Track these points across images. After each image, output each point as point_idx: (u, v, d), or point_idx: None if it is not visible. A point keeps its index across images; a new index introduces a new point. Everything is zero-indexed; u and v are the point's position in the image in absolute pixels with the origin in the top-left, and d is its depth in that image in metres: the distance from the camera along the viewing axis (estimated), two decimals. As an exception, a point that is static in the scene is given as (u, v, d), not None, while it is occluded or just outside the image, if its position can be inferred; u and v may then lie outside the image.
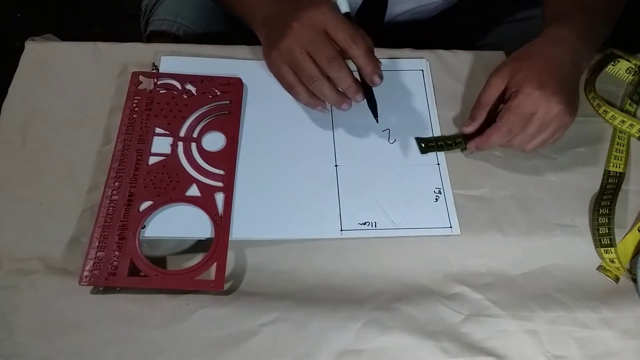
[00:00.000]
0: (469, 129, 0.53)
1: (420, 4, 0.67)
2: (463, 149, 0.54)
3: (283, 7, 0.51)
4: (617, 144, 0.56)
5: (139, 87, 0.54)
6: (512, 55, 0.55)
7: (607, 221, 0.51)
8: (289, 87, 0.52)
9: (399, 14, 0.68)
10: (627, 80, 0.60)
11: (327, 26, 0.48)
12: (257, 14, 0.54)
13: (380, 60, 0.59)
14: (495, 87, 0.52)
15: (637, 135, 0.57)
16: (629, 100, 0.59)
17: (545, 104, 0.49)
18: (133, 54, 0.57)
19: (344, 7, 0.51)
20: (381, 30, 0.70)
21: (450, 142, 0.54)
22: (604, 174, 0.55)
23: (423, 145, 0.54)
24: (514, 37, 0.73)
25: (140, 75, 0.54)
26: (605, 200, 0.52)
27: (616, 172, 0.54)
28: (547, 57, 0.51)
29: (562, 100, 0.49)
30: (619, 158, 0.55)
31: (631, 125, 0.56)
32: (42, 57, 0.57)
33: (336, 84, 0.50)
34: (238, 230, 0.48)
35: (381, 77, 0.50)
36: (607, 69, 0.61)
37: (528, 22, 0.73)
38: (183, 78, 0.55)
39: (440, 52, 0.61)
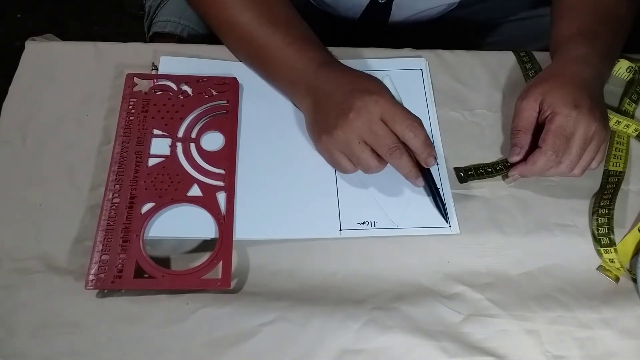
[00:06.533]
0: (517, 157, 0.51)
1: (426, 8, 0.67)
2: (504, 177, 0.53)
3: (333, 86, 0.50)
4: (617, 143, 0.56)
5: (134, 89, 0.54)
6: (536, 78, 0.54)
7: (606, 221, 0.51)
8: (342, 171, 0.51)
9: (404, 18, 0.68)
10: (626, 79, 0.60)
11: (384, 116, 0.47)
12: (300, 81, 0.52)
13: (379, 59, 0.59)
14: (530, 110, 0.51)
15: (634, 135, 0.57)
16: (628, 100, 0.59)
17: (585, 123, 0.49)
18: (133, 54, 0.57)
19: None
20: (383, 32, 0.70)
21: (490, 170, 0.53)
22: (603, 174, 0.55)
23: (462, 174, 0.53)
24: (515, 37, 0.73)
25: (135, 77, 0.54)
26: (605, 200, 0.52)
27: (616, 172, 0.54)
28: (573, 75, 0.52)
29: (597, 117, 0.49)
30: (619, 157, 0.55)
31: (627, 125, 0.56)
32: (42, 57, 0.57)
33: (397, 170, 0.50)
34: (237, 231, 0.48)
35: (435, 159, 0.49)
36: (609, 70, 0.61)
37: (528, 22, 0.73)
38: (178, 79, 0.55)
39: (440, 51, 0.61)
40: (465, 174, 0.53)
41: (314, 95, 0.51)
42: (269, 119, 0.55)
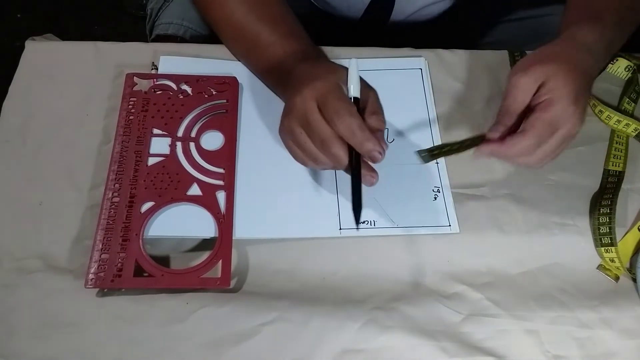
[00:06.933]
0: (496, 135, 0.47)
1: (428, 3, 0.67)
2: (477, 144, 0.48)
3: (298, 72, 0.49)
4: (616, 143, 0.56)
5: (134, 89, 0.54)
6: (538, 54, 0.49)
7: (607, 220, 0.51)
8: (301, 163, 0.48)
9: (405, 16, 0.68)
10: (625, 78, 0.60)
11: (319, 103, 0.44)
12: (283, 77, 0.51)
13: (379, 59, 0.59)
14: (527, 90, 0.46)
15: (634, 134, 0.56)
16: (627, 99, 0.59)
17: (574, 121, 0.46)
18: (133, 54, 0.57)
19: (351, 91, 0.46)
20: (384, 32, 0.70)
21: (457, 147, 0.48)
22: (603, 173, 0.54)
23: (424, 154, 0.48)
24: (515, 37, 0.73)
25: (135, 77, 0.54)
26: (606, 200, 0.52)
27: (615, 171, 0.54)
28: (579, 64, 0.47)
29: (584, 119, 0.47)
30: (618, 157, 0.55)
31: (627, 124, 0.56)
32: (42, 57, 0.57)
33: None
34: (237, 230, 0.48)
35: (381, 153, 0.44)
36: (606, 68, 0.61)
37: (529, 21, 0.73)
38: (178, 78, 0.55)
39: (440, 51, 0.61)
40: (431, 154, 0.48)
41: (290, 84, 0.50)
42: (269, 118, 0.55)
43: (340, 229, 0.50)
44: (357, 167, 0.45)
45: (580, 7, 0.54)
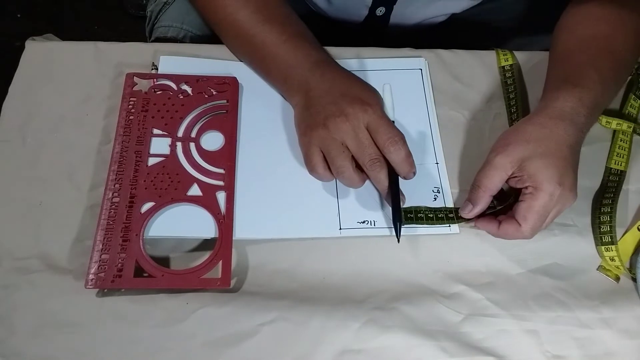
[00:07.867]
0: (469, 215, 0.49)
1: (424, 18, 0.67)
2: (460, 221, 0.50)
3: (326, 86, 0.50)
4: (621, 140, 0.56)
5: (134, 89, 0.54)
6: (517, 132, 0.48)
7: (608, 219, 0.51)
8: (310, 167, 0.50)
9: (404, 27, 0.68)
10: (630, 77, 0.60)
11: (369, 126, 0.48)
12: (294, 77, 0.52)
13: (379, 59, 0.59)
14: (503, 171, 0.47)
15: (629, 130, 0.56)
16: (633, 96, 0.58)
17: (563, 201, 0.46)
18: (133, 54, 0.57)
19: (391, 116, 0.51)
20: (382, 38, 0.70)
21: (431, 216, 0.50)
22: (605, 171, 0.54)
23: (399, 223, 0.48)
24: (515, 38, 0.73)
25: (135, 77, 0.54)
26: (607, 199, 0.52)
27: (617, 170, 0.54)
28: (559, 142, 0.47)
29: (574, 193, 0.46)
30: (621, 155, 0.55)
31: (619, 124, 0.56)
32: (42, 57, 0.57)
33: (373, 183, 0.49)
34: (237, 230, 0.48)
35: (414, 174, 0.49)
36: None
37: (529, 23, 0.73)
38: (178, 78, 0.55)
39: (440, 51, 0.61)
40: (405, 217, 0.50)
41: (306, 92, 0.51)
42: (269, 119, 0.55)
43: (340, 229, 0.50)
44: (397, 189, 0.49)
45: (560, 70, 0.53)
